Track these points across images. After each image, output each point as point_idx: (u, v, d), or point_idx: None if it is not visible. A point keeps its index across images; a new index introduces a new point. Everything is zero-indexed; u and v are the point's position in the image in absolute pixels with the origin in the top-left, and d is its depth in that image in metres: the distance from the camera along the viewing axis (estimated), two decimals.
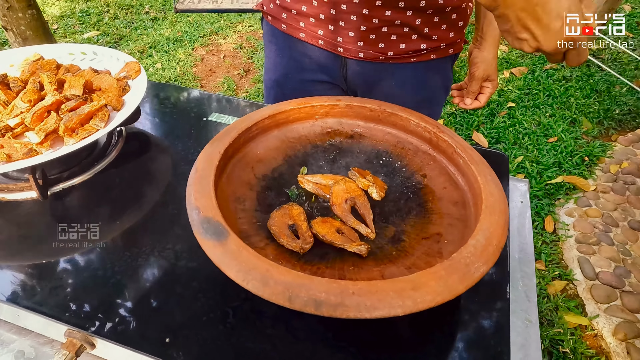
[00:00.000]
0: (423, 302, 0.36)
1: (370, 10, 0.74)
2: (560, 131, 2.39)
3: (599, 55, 3.07)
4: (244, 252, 0.39)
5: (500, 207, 0.44)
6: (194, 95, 0.86)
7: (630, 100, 2.61)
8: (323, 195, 0.54)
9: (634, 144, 2.37)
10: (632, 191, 2.09)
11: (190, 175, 0.47)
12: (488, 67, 0.83)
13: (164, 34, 3.06)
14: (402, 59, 0.81)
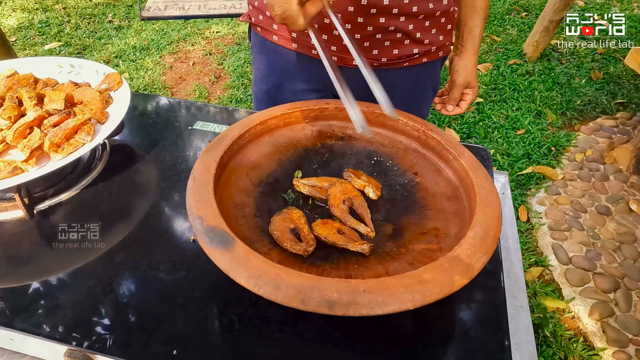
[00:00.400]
0: (431, 295, 0.37)
1: (365, 18, 0.74)
2: (527, 123, 2.48)
3: (557, 49, 3.21)
4: (253, 258, 0.39)
5: (493, 200, 0.46)
6: (177, 104, 0.85)
7: (590, 91, 2.74)
8: (320, 197, 0.55)
9: (596, 132, 2.49)
10: (597, 177, 2.20)
11: (189, 185, 0.47)
12: (468, 74, 0.85)
13: (129, 42, 2.99)
14: (395, 64, 0.83)
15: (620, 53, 3.15)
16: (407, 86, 0.87)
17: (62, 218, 0.61)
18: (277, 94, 0.90)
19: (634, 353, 1.48)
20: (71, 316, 0.48)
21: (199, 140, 0.75)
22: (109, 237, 0.58)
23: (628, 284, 1.70)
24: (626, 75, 2.91)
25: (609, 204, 2.05)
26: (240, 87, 2.60)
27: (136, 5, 3.45)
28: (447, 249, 0.45)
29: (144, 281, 0.52)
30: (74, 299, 0.50)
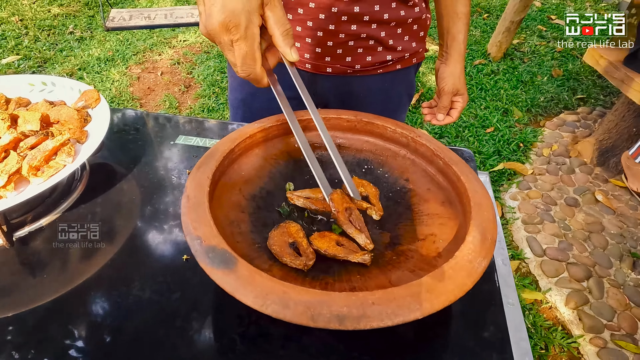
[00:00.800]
0: (439, 302, 0.38)
1: (336, 25, 0.75)
2: (496, 121, 2.56)
3: (519, 49, 3.33)
4: (257, 277, 0.38)
5: (487, 203, 0.47)
6: (157, 118, 0.83)
7: (552, 88, 2.86)
8: (315, 209, 0.54)
9: (560, 127, 2.60)
10: (563, 171, 2.29)
11: (183, 204, 0.46)
12: (456, 81, 0.85)
13: (93, 54, 2.90)
14: (369, 71, 0.83)
15: (577, 51, 3.30)
16: (381, 93, 0.88)
17: (43, 244, 0.58)
18: (253, 102, 0.89)
19: (609, 338, 1.55)
20: (61, 348, 0.46)
21: (182, 156, 0.73)
22: (95, 262, 0.55)
23: (599, 271, 1.78)
24: (584, 72, 3.05)
25: (577, 196, 2.14)
26: (212, 96, 2.56)
27: (98, 16, 3.35)
28: (446, 254, 0.46)
29: (138, 305, 0.50)
30: (61, 330, 0.48)
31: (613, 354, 1.49)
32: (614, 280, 1.74)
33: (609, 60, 2.11)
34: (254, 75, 0.49)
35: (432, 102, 0.93)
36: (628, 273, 1.78)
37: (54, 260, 0.56)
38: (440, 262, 0.45)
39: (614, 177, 2.25)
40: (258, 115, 0.91)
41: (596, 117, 2.65)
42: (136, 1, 3.69)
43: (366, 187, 0.57)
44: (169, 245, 0.58)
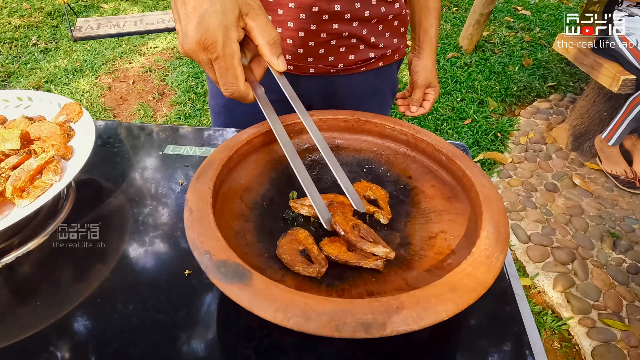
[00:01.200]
0: (462, 302, 0.37)
1: (317, 25, 0.74)
2: (472, 113, 2.60)
3: (489, 40, 3.40)
4: (275, 290, 0.37)
5: (495, 196, 0.47)
6: (143, 129, 0.80)
7: (523, 78, 2.93)
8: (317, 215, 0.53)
9: (534, 115, 2.66)
10: (541, 157, 2.34)
11: (185, 218, 0.44)
12: (429, 74, 0.88)
13: (60, 65, 2.80)
14: (352, 70, 0.83)
15: (545, 40, 3.39)
16: (366, 91, 0.88)
17: (33, 269, 0.54)
18: (235, 108, 0.88)
19: (597, 317, 1.59)
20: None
21: (173, 166, 0.70)
22: (90, 284, 0.52)
23: (582, 253, 1.83)
24: (553, 60, 3.13)
25: (555, 181, 2.19)
26: (187, 103, 2.51)
27: (62, 26, 3.24)
28: (460, 251, 0.45)
29: (143, 328, 0.47)
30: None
31: (602, 332, 1.53)
32: (596, 261, 1.79)
33: (577, 48, 2.17)
34: (238, 93, 0.47)
35: (405, 93, 0.95)
36: (609, 253, 1.83)
37: (46, 284, 0.53)
38: (455, 259, 0.44)
39: (588, 161, 2.31)
40: (241, 120, 0.89)
41: (568, 104, 2.72)
42: (101, 9, 3.58)
43: (374, 191, 0.55)
44: (169, 261, 0.55)
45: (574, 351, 1.54)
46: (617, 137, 2.09)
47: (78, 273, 0.54)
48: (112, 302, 0.50)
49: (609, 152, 2.18)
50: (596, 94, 2.26)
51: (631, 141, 2.16)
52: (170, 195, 0.65)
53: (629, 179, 2.13)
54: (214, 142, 0.76)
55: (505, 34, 3.46)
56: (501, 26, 3.61)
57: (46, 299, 0.51)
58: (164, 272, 0.54)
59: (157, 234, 0.59)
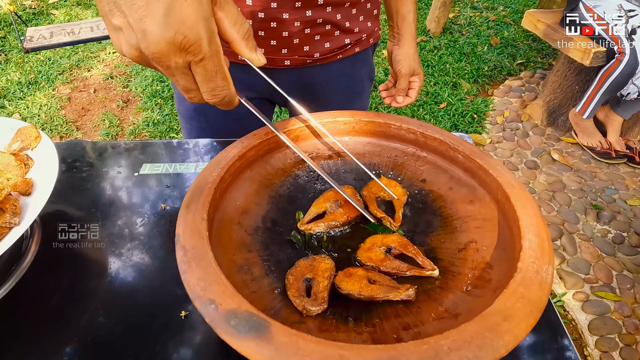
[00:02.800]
0: (520, 331, 0.31)
1: (290, 13, 0.69)
2: (447, 96, 2.58)
3: (456, 22, 3.39)
4: (301, 342, 0.30)
5: (526, 196, 0.42)
6: (111, 147, 0.71)
7: (493, 57, 2.93)
8: (337, 224, 0.47)
9: (507, 94, 2.67)
10: (519, 135, 2.35)
11: (179, 259, 0.37)
12: (412, 62, 0.84)
13: (11, 78, 2.60)
14: (329, 58, 0.79)
15: (510, 17, 3.40)
16: (344, 79, 0.85)
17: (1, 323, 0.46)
18: (208, 109, 0.82)
19: (590, 291, 1.60)
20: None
21: (152, 187, 0.62)
22: (69, 336, 0.45)
23: (569, 228, 1.84)
24: (519, 37, 3.15)
25: (535, 158, 2.20)
26: (155, 108, 2.38)
27: (10, 36, 3.02)
28: (498, 265, 0.40)
29: None
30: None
31: (596, 305, 1.54)
32: (583, 235, 1.81)
33: (546, 24, 2.17)
34: (229, 97, 0.39)
35: (388, 84, 0.92)
36: (594, 225, 1.85)
37: (18, 342, 0.44)
38: (495, 274, 0.39)
39: (564, 135, 2.34)
40: (217, 124, 0.83)
41: (539, 80, 2.74)
42: (52, 16, 3.37)
43: (394, 189, 0.49)
44: (160, 301, 0.48)
45: (571, 326, 1.54)
46: (591, 109, 2.11)
47: (54, 324, 0.46)
48: (98, 357, 0.43)
49: (583, 125, 2.20)
50: (567, 68, 2.27)
51: (604, 112, 2.19)
52: (153, 222, 0.57)
53: (605, 150, 2.16)
54: (195, 156, 0.68)
55: (471, 14, 3.46)
56: (466, 7, 3.61)
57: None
58: (157, 315, 0.46)
59: (143, 270, 0.51)
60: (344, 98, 0.88)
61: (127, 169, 0.65)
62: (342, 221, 0.47)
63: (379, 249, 0.44)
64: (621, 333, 1.47)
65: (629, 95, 1.95)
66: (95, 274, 0.51)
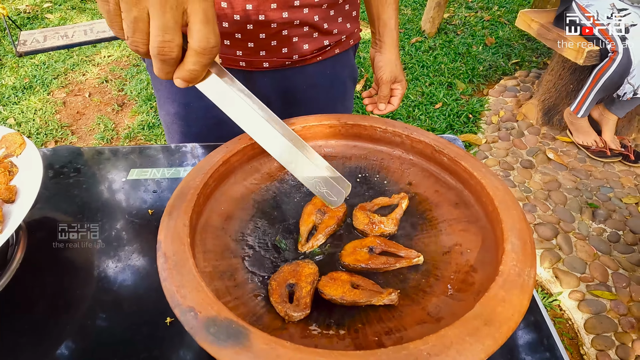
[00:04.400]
0: (501, 335, 0.31)
1: (265, 15, 0.69)
2: (442, 96, 2.59)
3: (450, 22, 3.39)
4: (281, 350, 0.30)
5: (511, 199, 0.42)
6: (100, 153, 0.70)
7: (488, 57, 2.93)
8: (333, 229, 0.47)
9: (502, 93, 2.67)
10: (514, 135, 2.35)
11: (160, 266, 0.36)
12: (394, 68, 0.83)
13: (6, 83, 2.60)
14: (308, 60, 0.79)
15: (504, 17, 3.41)
16: (325, 81, 0.84)
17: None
18: (188, 115, 0.81)
19: (586, 289, 1.60)
20: None
21: (140, 193, 0.62)
22: (55, 344, 0.44)
23: (564, 227, 1.84)
24: (514, 37, 3.15)
25: (530, 157, 2.21)
26: (150, 112, 2.38)
27: (5, 41, 3.01)
28: (481, 267, 0.40)
29: None
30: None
31: (592, 304, 1.54)
32: (579, 233, 1.81)
33: (540, 23, 2.17)
34: (171, 46, 0.34)
35: (372, 91, 0.91)
36: (590, 224, 1.85)
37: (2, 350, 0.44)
38: (478, 277, 0.39)
39: (560, 134, 2.34)
40: (197, 128, 0.83)
41: (533, 79, 2.75)
42: (47, 20, 3.36)
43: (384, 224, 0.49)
44: (146, 309, 0.47)
45: (567, 326, 1.54)
46: (586, 108, 2.11)
47: (32, 335, 0.46)
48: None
49: (578, 124, 2.21)
50: (561, 67, 2.27)
51: (598, 111, 2.19)
52: (140, 228, 0.57)
53: (600, 148, 2.17)
54: (183, 160, 0.68)
55: (466, 15, 3.47)
56: (461, 7, 3.61)
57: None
58: (142, 323, 0.46)
59: (129, 277, 0.51)
60: (327, 100, 0.87)
61: (115, 175, 0.65)
62: (335, 223, 0.47)
63: (362, 250, 0.44)
64: (617, 331, 1.47)
65: (625, 95, 1.95)
66: (81, 280, 0.51)
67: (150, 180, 0.63)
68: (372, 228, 0.47)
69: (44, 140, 2.20)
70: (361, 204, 0.50)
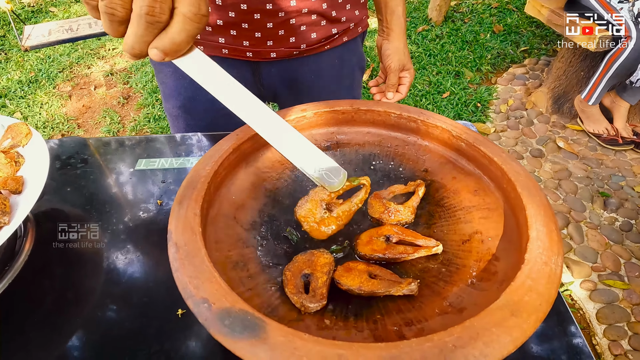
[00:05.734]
0: (529, 326, 0.30)
1: (273, 4, 0.67)
2: (450, 85, 2.55)
3: (458, 10, 3.34)
4: (299, 341, 0.29)
5: (534, 185, 0.40)
6: (108, 144, 0.69)
7: (496, 44, 2.88)
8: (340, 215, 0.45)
9: (511, 82, 2.63)
10: (523, 124, 2.32)
11: (171, 256, 0.35)
12: (402, 57, 0.81)
13: (12, 77, 2.60)
14: (316, 49, 0.78)
15: (513, 4, 3.35)
16: (333, 71, 0.83)
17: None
18: (193, 107, 0.80)
19: (597, 279, 1.58)
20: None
21: (148, 183, 0.61)
22: (64, 338, 0.44)
23: (575, 216, 1.81)
24: (523, 24, 3.10)
25: (540, 146, 2.17)
26: (156, 104, 2.37)
27: (10, 35, 3.01)
28: (504, 256, 0.38)
29: None
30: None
31: (604, 294, 1.52)
32: (590, 223, 1.78)
33: (550, 9, 2.13)
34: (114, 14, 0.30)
35: (379, 80, 0.89)
36: (601, 213, 1.83)
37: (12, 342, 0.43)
38: (501, 266, 0.37)
39: (570, 122, 2.30)
40: (204, 121, 0.82)
41: (543, 67, 2.70)
42: (51, 13, 3.35)
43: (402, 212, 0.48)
44: (157, 300, 0.46)
45: (578, 315, 1.52)
46: (597, 95, 2.07)
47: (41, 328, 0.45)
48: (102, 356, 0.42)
49: (589, 112, 2.17)
50: (571, 54, 2.23)
51: (610, 98, 2.15)
52: (150, 218, 0.56)
53: (611, 136, 2.13)
54: (191, 150, 0.67)
55: (473, 2, 3.41)
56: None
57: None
58: (153, 315, 0.45)
59: (139, 268, 0.50)
60: (335, 89, 0.86)
61: (123, 165, 0.63)
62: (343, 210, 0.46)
63: (379, 239, 0.43)
64: (630, 321, 1.45)
65: (638, 82, 1.91)
66: (90, 272, 0.50)
67: (158, 171, 0.62)
68: (388, 217, 0.45)
69: (50, 134, 2.20)
70: (376, 192, 0.48)
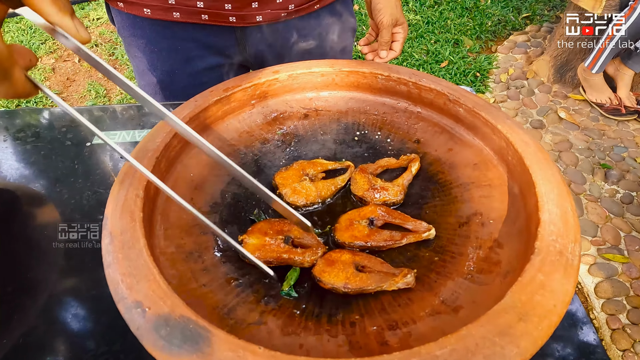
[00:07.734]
0: (540, 334, 0.24)
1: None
2: (448, 54, 2.45)
3: None
4: (250, 357, 0.23)
5: (545, 157, 0.33)
6: (59, 115, 0.62)
7: (497, 11, 2.76)
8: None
9: (512, 50, 2.52)
10: (523, 94, 2.23)
11: (104, 247, 0.29)
12: (394, 10, 0.73)
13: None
14: (305, 10, 0.70)
15: None
16: (324, 31, 0.77)
17: None
18: (173, 83, 0.73)
19: (596, 253, 1.54)
20: None
21: (106, 160, 0.54)
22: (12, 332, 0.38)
23: (575, 189, 1.76)
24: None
25: (541, 117, 2.10)
26: None
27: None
28: (508, 242, 0.32)
29: None
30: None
31: (603, 268, 1.49)
32: (590, 195, 1.73)
33: None
34: None
35: (369, 38, 0.81)
36: (602, 185, 1.77)
37: None
38: (504, 254, 0.31)
39: (572, 92, 2.22)
40: (184, 97, 0.73)
41: (545, 34, 2.59)
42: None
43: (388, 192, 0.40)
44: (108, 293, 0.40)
45: (576, 290, 1.49)
46: (601, 63, 1.98)
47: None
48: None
49: (592, 81, 2.09)
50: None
51: (614, 66, 2.06)
52: (105, 200, 0.49)
53: (614, 106, 2.06)
54: (157, 121, 0.59)
55: None
56: None
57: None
58: (107, 312, 0.39)
59: (94, 258, 0.43)
60: (325, 54, 0.79)
61: (78, 139, 0.56)
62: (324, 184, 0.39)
63: (360, 223, 0.36)
64: (629, 295, 1.42)
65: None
66: (38, 258, 0.44)
67: (120, 144, 0.55)
68: (373, 195, 0.39)
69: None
70: (362, 166, 0.41)
